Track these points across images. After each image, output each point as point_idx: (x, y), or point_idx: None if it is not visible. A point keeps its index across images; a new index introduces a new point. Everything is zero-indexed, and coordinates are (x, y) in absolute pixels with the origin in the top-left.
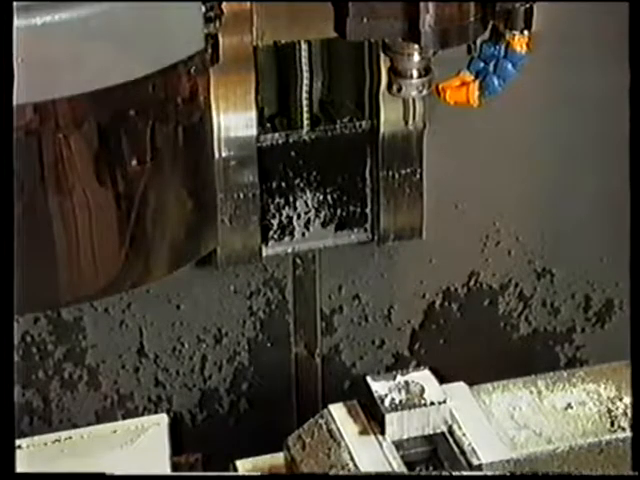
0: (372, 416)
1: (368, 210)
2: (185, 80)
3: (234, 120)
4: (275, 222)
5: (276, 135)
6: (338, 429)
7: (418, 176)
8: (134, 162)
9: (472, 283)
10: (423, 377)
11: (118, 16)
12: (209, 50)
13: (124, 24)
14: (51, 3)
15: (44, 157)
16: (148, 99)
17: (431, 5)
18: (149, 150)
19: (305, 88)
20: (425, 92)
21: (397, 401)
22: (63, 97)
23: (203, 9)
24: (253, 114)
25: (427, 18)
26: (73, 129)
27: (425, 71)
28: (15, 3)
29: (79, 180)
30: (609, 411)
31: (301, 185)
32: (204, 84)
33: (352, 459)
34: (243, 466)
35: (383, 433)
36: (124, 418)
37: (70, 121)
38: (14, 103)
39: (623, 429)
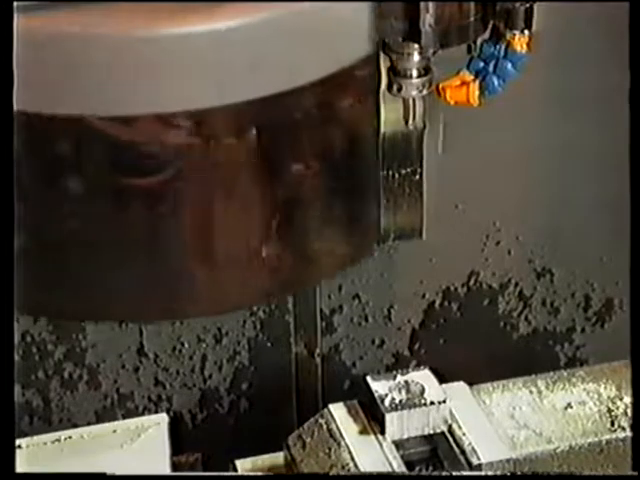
0: (372, 416)
1: None
2: (355, 83)
3: None
4: None
5: None
6: (338, 429)
7: (418, 176)
8: (301, 167)
9: (472, 283)
10: (423, 377)
11: (294, 20)
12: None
13: (300, 28)
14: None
15: (217, 163)
16: (318, 103)
17: (431, 5)
18: (316, 154)
19: None
20: (425, 92)
21: (397, 401)
22: (238, 102)
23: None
24: None
25: (427, 17)
26: (243, 133)
27: (425, 71)
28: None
29: (246, 184)
30: (609, 411)
31: None
32: (372, 87)
33: (352, 459)
34: (243, 466)
35: (383, 433)
36: (124, 418)
37: (240, 125)
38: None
39: (623, 429)
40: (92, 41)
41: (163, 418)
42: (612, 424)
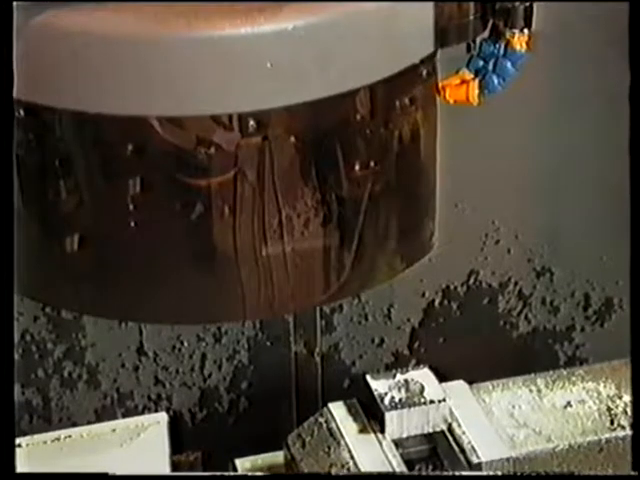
0: (372, 414)
1: None
2: (415, 83)
3: None
4: None
5: None
6: (338, 428)
7: None
8: (358, 166)
9: (472, 282)
10: (423, 375)
11: (361, 19)
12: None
13: (366, 27)
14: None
15: (278, 163)
16: (380, 102)
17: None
18: (374, 154)
19: None
20: None
21: (397, 399)
22: (307, 101)
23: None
24: None
25: None
26: (305, 133)
27: None
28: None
29: (307, 187)
30: (609, 409)
31: None
32: (432, 86)
33: (352, 457)
34: (242, 465)
35: (383, 431)
36: (124, 417)
37: (304, 124)
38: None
39: (623, 427)
40: (157, 42)
41: (163, 417)
42: (611, 423)
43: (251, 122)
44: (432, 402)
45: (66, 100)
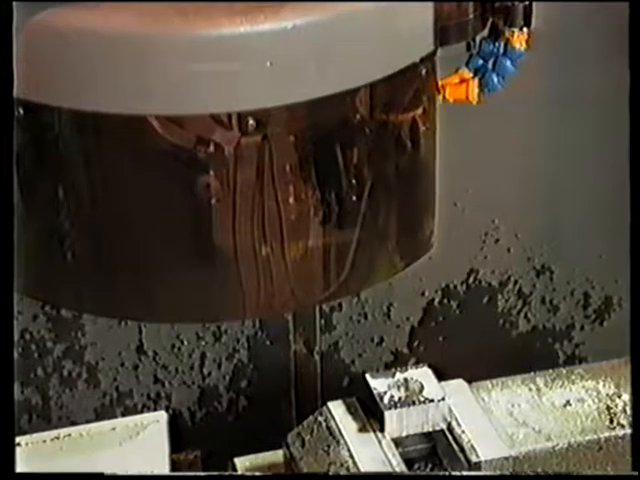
0: (371, 413)
1: None
2: (415, 82)
3: None
4: None
5: None
6: (337, 426)
7: None
8: (358, 165)
9: (471, 280)
10: (422, 374)
11: (361, 18)
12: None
13: (366, 26)
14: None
15: (276, 161)
16: (379, 101)
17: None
18: (373, 153)
19: None
20: None
21: (396, 398)
22: (304, 100)
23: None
24: None
25: None
26: (304, 132)
27: None
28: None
29: (306, 186)
30: (608, 408)
31: None
32: (431, 85)
33: (351, 456)
34: (242, 463)
35: (382, 430)
36: (123, 415)
37: (303, 123)
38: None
39: (622, 426)
40: (155, 40)
41: (162, 416)
42: (611, 421)
43: (250, 121)
44: (431, 401)
45: (64, 99)
